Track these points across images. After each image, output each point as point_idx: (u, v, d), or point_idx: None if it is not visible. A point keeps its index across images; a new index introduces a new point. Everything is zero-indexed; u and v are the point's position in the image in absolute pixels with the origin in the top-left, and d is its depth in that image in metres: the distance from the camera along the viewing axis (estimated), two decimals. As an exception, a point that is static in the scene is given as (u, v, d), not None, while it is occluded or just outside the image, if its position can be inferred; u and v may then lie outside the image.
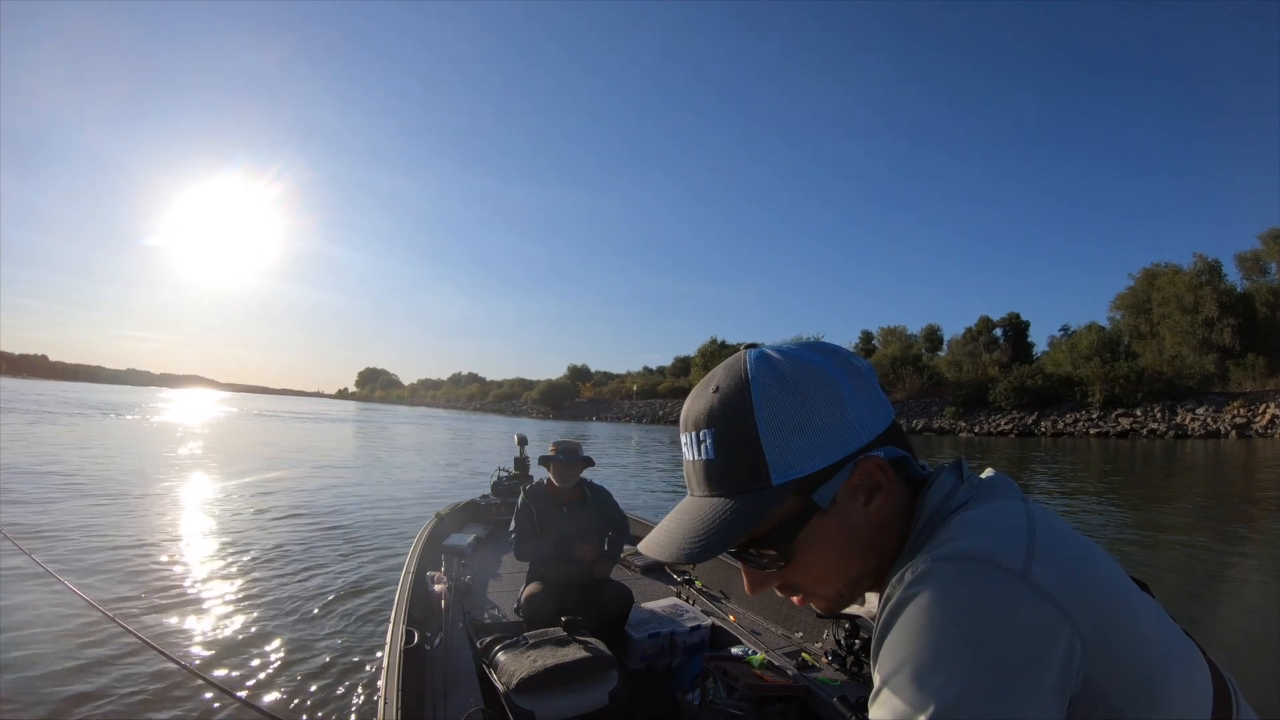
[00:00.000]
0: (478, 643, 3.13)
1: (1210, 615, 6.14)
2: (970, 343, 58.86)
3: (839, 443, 0.72)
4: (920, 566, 0.64)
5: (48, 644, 4.58)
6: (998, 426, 45.04)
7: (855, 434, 0.73)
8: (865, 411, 0.74)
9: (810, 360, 0.74)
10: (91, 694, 3.93)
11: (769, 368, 0.74)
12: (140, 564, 6.72)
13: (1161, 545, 9.37)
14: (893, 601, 0.64)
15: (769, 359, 0.75)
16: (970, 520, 0.69)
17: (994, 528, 0.67)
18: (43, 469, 13.11)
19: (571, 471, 4.01)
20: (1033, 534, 0.66)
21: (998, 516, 0.69)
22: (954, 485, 0.75)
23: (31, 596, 5.41)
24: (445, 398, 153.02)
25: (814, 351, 0.76)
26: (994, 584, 0.60)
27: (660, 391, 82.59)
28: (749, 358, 0.76)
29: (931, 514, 0.73)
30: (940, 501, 0.74)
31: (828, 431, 0.72)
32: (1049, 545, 0.65)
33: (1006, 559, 0.62)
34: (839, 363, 0.76)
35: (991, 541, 0.64)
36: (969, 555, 0.63)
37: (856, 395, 0.74)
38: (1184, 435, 37.39)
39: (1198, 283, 45.77)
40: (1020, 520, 0.68)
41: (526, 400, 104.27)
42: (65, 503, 9.79)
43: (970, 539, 0.65)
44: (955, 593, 0.60)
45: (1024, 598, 0.59)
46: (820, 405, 0.72)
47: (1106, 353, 47.43)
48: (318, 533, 8.72)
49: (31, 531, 7.71)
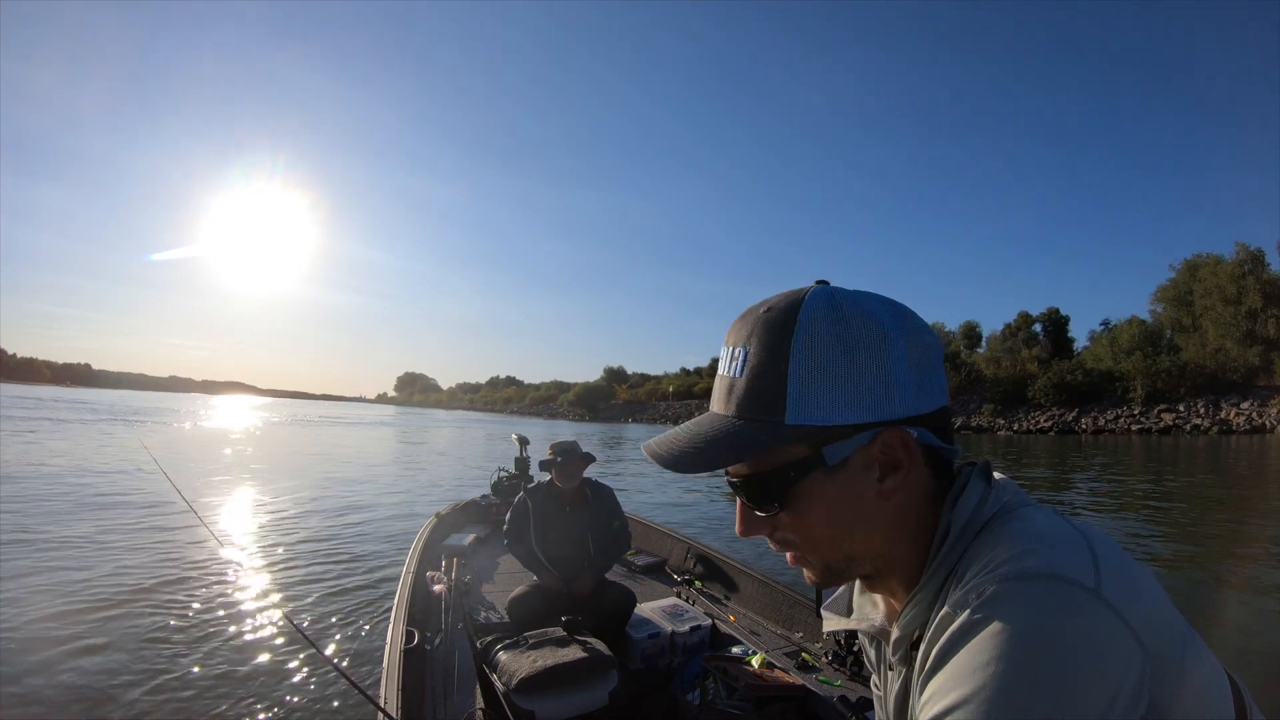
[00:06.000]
0: (478, 643, 3.15)
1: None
2: (1009, 339, 57.83)
3: (868, 405, 0.67)
4: (987, 588, 0.59)
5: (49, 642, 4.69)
6: (1037, 424, 44.27)
7: (890, 402, 0.67)
8: (912, 385, 0.68)
9: (873, 314, 0.69)
10: (89, 690, 4.00)
11: (826, 307, 0.68)
12: (141, 563, 6.81)
13: (1215, 553, 9.15)
14: (956, 626, 0.59)
15: (831, 298, 0.69)
16: (1025, 532, 0.64)
17: (1054, 539, 0.62)
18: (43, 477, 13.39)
19: (573, 471, 4.02)
20: (1091, 546, 0.61)
21: (1052, 527, 0.64)
22: (984, 493, 0.70)
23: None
24: (483, 401, 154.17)
25: (882, 307, 0.70)
26: (1072, 604, 0.56)
27: (696, 392, 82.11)
28: (810, 292, 0.71)
29: (965, 525, 0.68)
30: (973, 511, 0.69)
31: (860, 389, 0.67)
32: (1108, 558, 0.60)
33: (1079, 574, 0.58)
34: (905, 328, 0.69)
35: (1058, 556, 0.59)
36: (1040, 572, 0.58)
37: (906, 366, 0.68)
38: (1229, 431, 36.43)
39: (1240, 273, 44.36)
40: (1071, 530, 0.63)
41: (563, 403, 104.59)
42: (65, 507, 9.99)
43: (1036, 555, 0.60)
44: (1034, 617, 0.56)
45: (1101, 617, 0.56)
46: (862, 361, 0.67)
47: (1148, 347, 46.26)
48: (318, 532, 8.82)
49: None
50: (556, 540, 3.92)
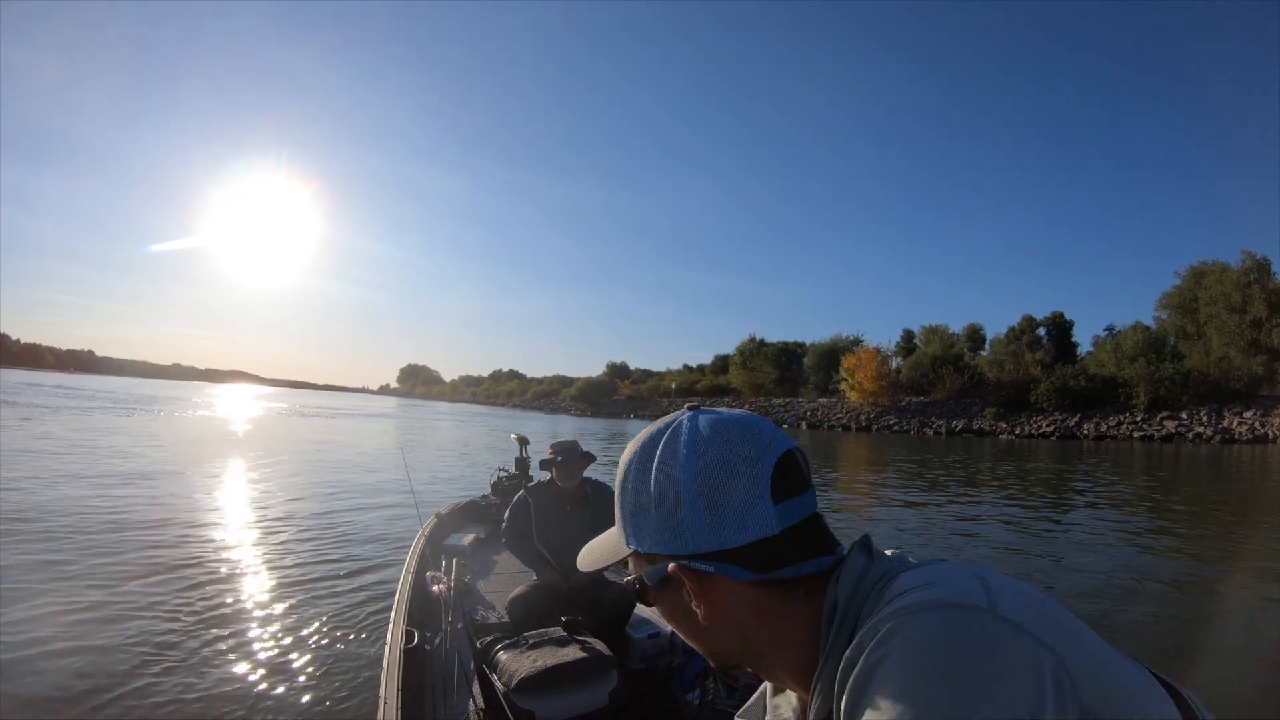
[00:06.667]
0: (478, 643, 3.15)
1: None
2: (1013, 342, 57.63)
3: (663, 541, 0.75)
4: (882, 628, 0.61)
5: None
6: (1039, 428, 44.07)
7: (680, 540, 0.74)
8: (701, 526, 0.73)
9: (677, 464, 0.75)
10: (87, 690, 4.00)
11: (640, 458, 0.79)
12: (140, 561, 6.80)
13: (1216, 557, 9.16)
14: (858, 671, 0.60)
15: (671, 438, 0.77)
16: (915, 577, 0.67)
17: (944, 577, 0.65)
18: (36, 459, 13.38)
19: (573, 470, 4.03)
20: (981, 579, 0.64)
21: (942, 570, 0.68)
22: (865, 564, 0.73)
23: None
24: (485, 394, 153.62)
25: (709, 444, 0.75)
26: (969, 624, 0.58)
27: (699, 390, 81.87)
28: (666, 429, 0.79)
29: (851, 596, 0.70)
30: (857, 578, 0.72)
31: (659, 528, 0.76)
32: (1001, 586, 0.63)
33: (971, 598, 0.60)
34: (705, 482, 0.74)
35: (949, 589, 0.62)
36: (934, 603, 0.61)
37: (699, 510, 0.73)
38: (1231, 440, 36.27)
39: (1246, 281, 44.00)
40: (964, 570, 0.67)
41: (565, 397, 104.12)
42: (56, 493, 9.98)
43: (927, 591, 0.63)
44: (932, 642, 0.57)
45: (1001, 629, 0.57)
46: (657, 506, 0.75)
47: (1152, 353, 45.99)
48: (318, 531, 8.82)
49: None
50: (557, 539, 3.93)
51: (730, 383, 78.66)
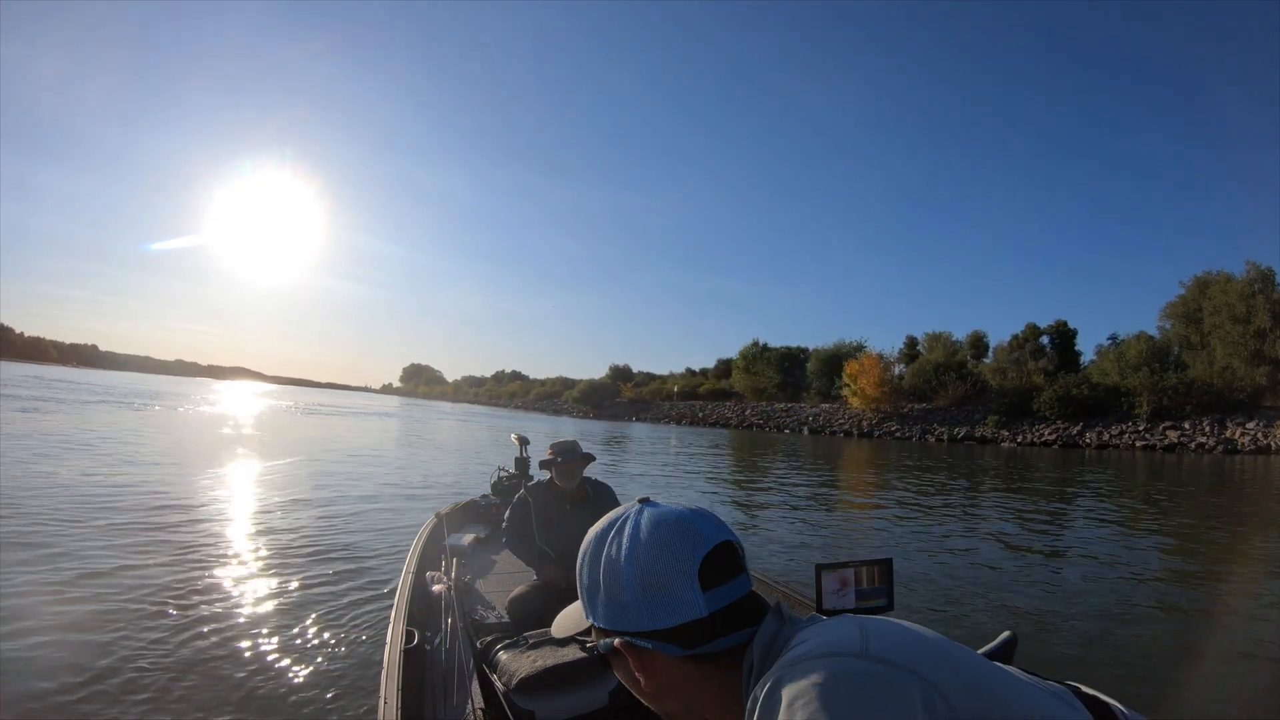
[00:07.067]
0: (478, 643, 3.16)
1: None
2: (1016, 350, 57.54)
3: (611, 618, 0.88)
4: (768, 681, 0.72)
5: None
6: (1041, 436, 43.90)
7: (624, 619, 0.87)
8: (641, 607, 0.86)
9: (629, 550, 0.88)
10: (86, 690, 3.98)
11: (595, 545, 0.92)
12: (140, 560, 6.79)
13: (1217, 560, 9.13)
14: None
15: (618, 531, 0.91)
16: (803, 636, 0.79)
17: (825, 633, 0.77)
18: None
19: (574, 470, 4.04)
20: (863, 628, 0.75)
21: (828, 627, 0.79)
22: (778, 627, 0.85)
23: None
24: (487, 395, 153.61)
25: (648, 539, 0.88)
26: (842, 668, 0.68)
27: (701, 393, 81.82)
28: (617, 520, 0.93)
29: (763, 656, 0.81)
30: (769, 642, 0.82)
31: (608, 604, 0.88)
32: (878, 629, 0.75)
33: (847, 646, 0.71)
34: (645, 575, 0.86)
35: (826, 640, 0.74)
36: (810, 655, 0.72)
37: (638, 595, 0.86)
38: (1233, 450, 36.12)
39: (1250, 291, 43.93)
40: (850, 623, 0.79)
41: (567, 399, 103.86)
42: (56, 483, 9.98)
43: (806, 645, 0.75)
44: (808, 687, 0.66)
45: (874, 670, 0.67)
46: (609, 583, 0.88)
47: (1155, 363, 45.81)
48: (318, 530, 8.80)
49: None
50: (556, 538, 3.95)
51: (732, 386, 78.48)
